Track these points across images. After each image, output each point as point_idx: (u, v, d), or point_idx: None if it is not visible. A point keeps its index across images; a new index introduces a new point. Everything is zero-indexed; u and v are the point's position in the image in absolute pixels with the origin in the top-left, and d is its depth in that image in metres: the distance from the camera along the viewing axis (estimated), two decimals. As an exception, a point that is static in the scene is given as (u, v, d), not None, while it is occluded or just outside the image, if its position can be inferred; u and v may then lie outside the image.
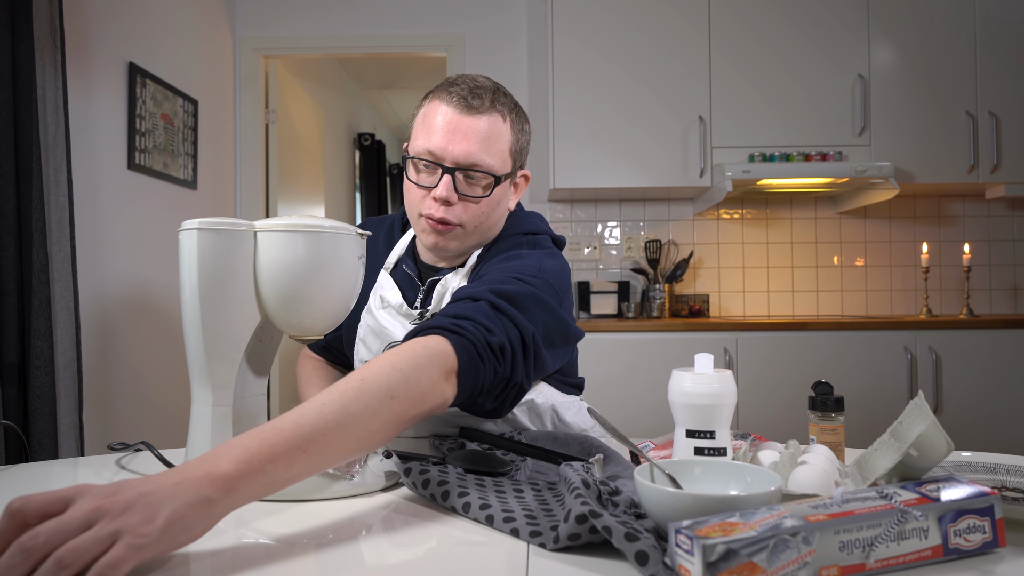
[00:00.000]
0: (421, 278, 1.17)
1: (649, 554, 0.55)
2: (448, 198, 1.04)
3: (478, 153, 1.03)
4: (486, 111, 1.04)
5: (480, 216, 1.07)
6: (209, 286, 0.83)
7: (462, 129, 1.03)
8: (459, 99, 1.04)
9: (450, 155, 1.03)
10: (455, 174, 1.04)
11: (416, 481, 0.82)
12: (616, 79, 3.00)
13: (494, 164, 1.05)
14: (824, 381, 0.89)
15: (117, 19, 2.52)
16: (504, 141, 1.06)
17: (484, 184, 1.06)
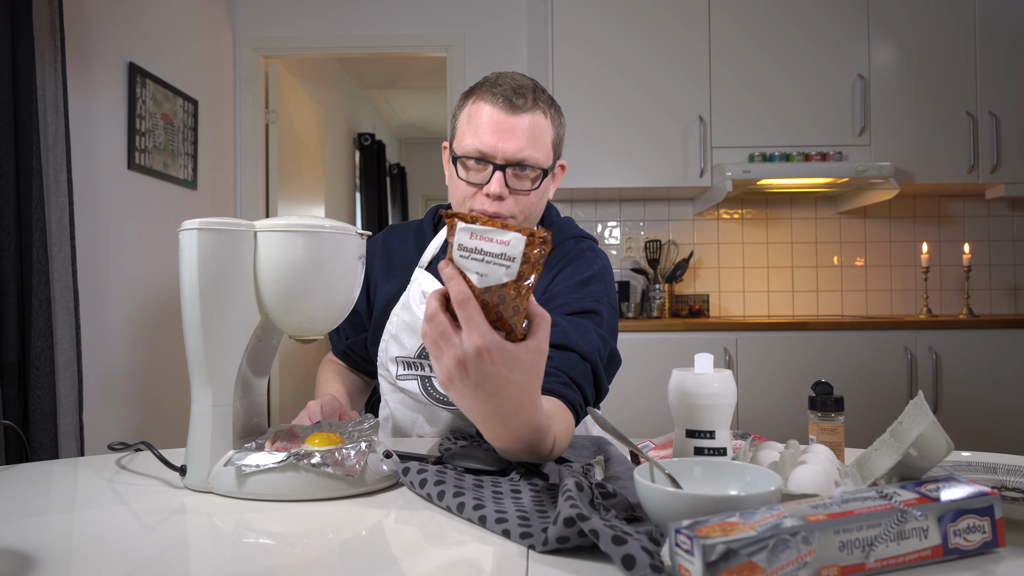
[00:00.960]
0: None
1: (636, 557, 0.55)
2: (501, 193, 1.08)
3: (526, 149, 1.08)
4: (529, 109, 1.08)
5: (530, 208, 1.12)
6: (209, 286, 0.83)
7: (509, 127, 1.07)
8: (504, 99, 1.08)
9: (500, 152, 1.07)
10: (506, 170, 1.08)
11: (414, 481, 0.82)
12: (615, 79, 3.00)
13: (540, 158, 1.10)
14: (824, 381, 0.89)
15: (117, 19, 2.52)
16: (547, 135, 1.11)
17: (533, 177, 1.10)
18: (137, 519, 0.76)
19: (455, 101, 3.40)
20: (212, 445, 0.85)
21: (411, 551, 0.65)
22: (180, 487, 0.87)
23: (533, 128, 1.09)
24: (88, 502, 0.82)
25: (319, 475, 0.81)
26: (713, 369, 0.77)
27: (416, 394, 1.18)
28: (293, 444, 0.86)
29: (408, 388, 1.19)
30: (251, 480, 0.82)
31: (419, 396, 1.17)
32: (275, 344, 0.95)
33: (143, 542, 0.69)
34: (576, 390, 0.98)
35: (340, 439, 0.87)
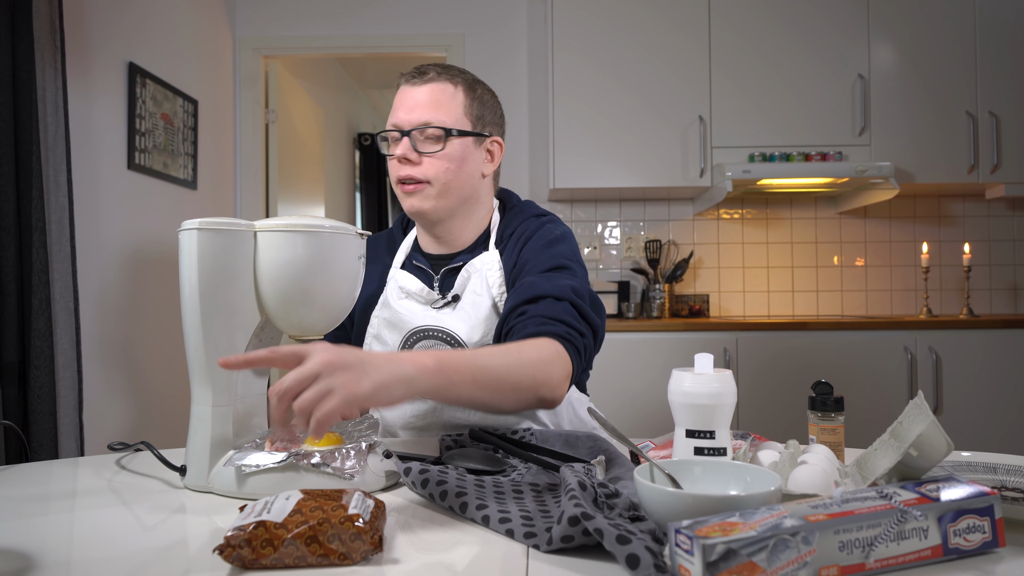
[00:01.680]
0: (433, 269, 1.25)
1: (640, 557, 0.55)
2: (406, 154, 1.15)
3: (426, 113, 1.15)
4: (431, 80, 1.16)
5: (445, 172, 1.16)
6: (209, 286, 0.83)
7: (412, 96, 1.16)
8: (409, 76, 1.18)
9: (405, 121, 1.16)
10: (411, 134, 1.15)
11: (416, 481, 0.82)
12: (616, 78, 3.00)
13: (445, 120, 1.15)
14: (824, 381, 0.89)
15: (117, 19, 2.52)
16: (456, 102, 1.17)
17: (436, 136, 1.15)
18: (137, 519, 0.76)
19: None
20: (212, 445, 0.85)
21: (412, 551, 0.65)
22: (180, 487, 0.87)
23: (436, 93, 1.16)
24: (88, 502, 0.82)
25: (319, 475, 0.81)
26: (713, 369, 0.77)
27: None
28: (293, 444, 0.86)
29: None
30: (251, 480, 0.82)
31: None
32: (275, 344, 0.95)
33: (143, 542, 0.69)
34: (557, 324, 1.02)
35: (340, 439, 0.87)
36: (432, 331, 1.17)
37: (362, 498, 0.66)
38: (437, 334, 1.17)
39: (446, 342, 1.16)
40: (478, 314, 1.16)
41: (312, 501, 0.64)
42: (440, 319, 1.17)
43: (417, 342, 1.18)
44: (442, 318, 1.18)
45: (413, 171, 1.15)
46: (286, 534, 0.59)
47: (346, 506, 0.63)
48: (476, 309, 1.16)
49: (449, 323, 1.17)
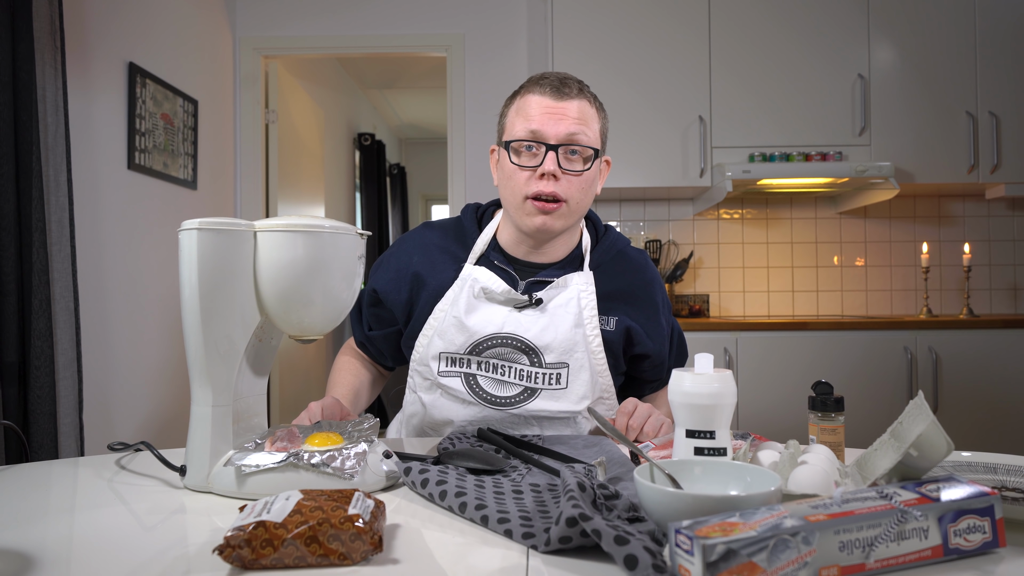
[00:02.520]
0: (518, 273, 1.22)
1: (639, 557, 0.55)
2: (555, 172, 1.12)
3: (576, 130, 1.13)
4: (576, 96, 1.15)
5: (581, 192, 1.15)
6: (209, 286, 0.83)
7: (559, 110, 1.13)
8: (551, 88, 1.14)
9: (552, 133, 1.12)
10: (558, 150, 1.12)
11: (416, 481, 0.82)
12: (616, 79, 3.00)
13: (593, 140, 1.15)
14: (824, 381, 0.89)
15: (117, 19, 2.52)
16: (595, 121, 1.18)
17: (585, 157, 1.15)
18: (137, 519, 0.76)
19: (455, 101, 3.42)
20: (212, 445, 0.85)
21: (412, 551, 0.65)
22: (180, 487, 0.87)
23: (581, 111, 1.14)
24: (88, 502, 0.82)
25: (319, 475, 0.81)
26: (713, 369, 0.77)
27: (460, 391, 1.17)
28: (293, 444, 0.86)
29: (451, 385, 1.17)
30: (251, 480, 0.82)
31: (463, 394, 1.16)
32: (275, 344, 0.95)
33: (143, 542, 0.69)
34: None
35: (340, 439, 0.87)
36: (508, 338, 1.15)
37: (362, 498, 0.66)
38: (511, 342, 1.15)
39: (520, 350, 1.15)
40: (560, 326, 1.16)
41: (312, 501, 0.64)
42: (520, 323, 1.16)
43: (490, 348, 1.16)
44: (522, 321, 1.16)
45: (556, 188, 1.12)
46: (286, 534, 0.59)
47: (346, 506, 0.63)
48: (559, 321, 1.16)
49: (528, 329, 1.15)
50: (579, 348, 1.16)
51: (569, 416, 1.17)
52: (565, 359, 1.16)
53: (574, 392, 1.16)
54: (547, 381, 1.15)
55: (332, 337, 4.94)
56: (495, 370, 1.16)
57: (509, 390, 1.15)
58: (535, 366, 1.15)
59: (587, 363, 1.16)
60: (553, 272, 1.21)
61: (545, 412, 1.15)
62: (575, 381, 1.16)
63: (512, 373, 1.15)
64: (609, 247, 1.27)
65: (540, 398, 1.15)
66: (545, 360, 1.15)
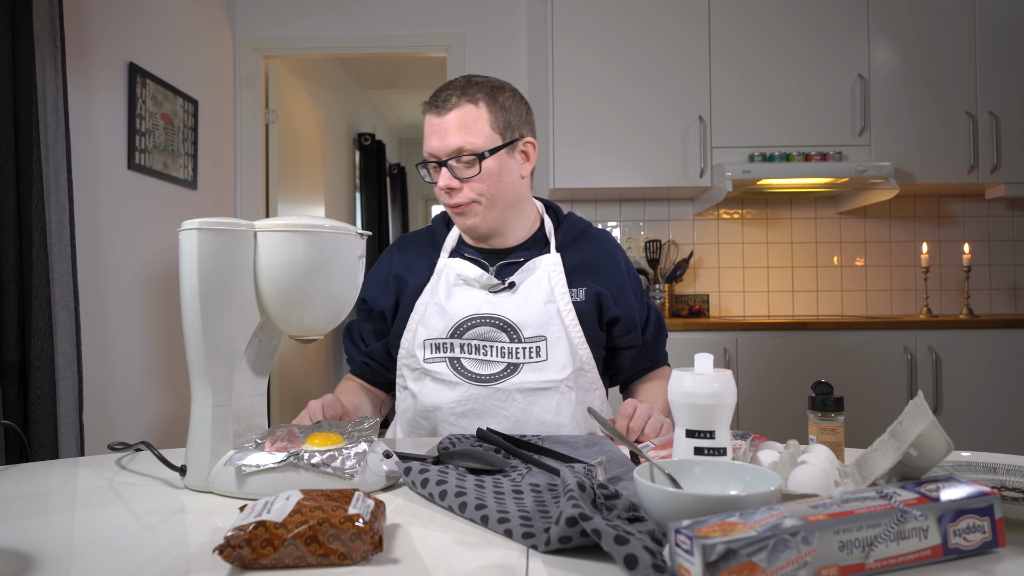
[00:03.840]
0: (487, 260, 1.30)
1: (639, 557, 0.55)
2: (449, 184, 1.21)
3: (456, 141, 1.19)
4: (453, 106, 1.20)
5: (489, 189, 1.22)
6: (209, 286, 0.83)
7: (440, 127, 1.20)
8: (432, 105, 1.22)
9: (440, 150, 1.20)
10: (448, 164, 1.20)
11: (416, 481, 0.82)
12: (616, 79, 3.00)
13: (477, 143, 1.19)
14: (824, 381, 0.89)
15: (117, 19, 2.52)
16: (482, 122, 1.20)
17: (471, 162, 1.20)
18: (137, 519, 0.76)
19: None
20: (212, 445, 0.85)
21: (412, 551, 0.65)
22: (180, 487, 0.87)
23: (461, 119, 1.19)
24: (88, 502, 0.83)
25: (319, 475, 0.81)
26: (713, 369, 0.77)
27: (445, 373, 1.23)
28: (293, 444, 0.86)
29: (436, 369, 1.24)
30: (251, 480, 0.82)
31: (449, 375, 1.22)
32: (275, 344, 0.95)
33: (143, 542, 0.69)
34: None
35: (340, 439, 0.87)
36: (486, 318, 1.23)
37: (362, 498, 0.66)
38: (491, 320, 1.22)
39: (499, 328, 1.22)
40: (534, 303, 1.23)
41: (312, 501, 0.64)
42: (496, 304, 1.23)
43: (470, 328, 1.23)
44: (498, 303, 1.23)
45: (459, 197, 1.21)
46: (286, 534, 0.59)
47: (346, 506, 0.63)
48: (533, 298, 1.24)
49: (504, 309, 1.23)
50: (554, 321, 1.23)
51: (552, 386, 1.22)
52: (542, 332, 1.22)
53: (554, 363, 1.22)
54: (528, 355, 1.22)
55: (332, 337, 4.94)
56: (477, 351, 1.22)
57: (492, 368, 1.22)
58: (515, 342, 1.22)
59: (564, 335, 1.23)
60: (520, 254, 1.29)
61: (529, 384, 1.21)
62: (554, 352, 1.22)
63: (494, 352, 1.22)
64: (571, 228, 1.35)
65: (523, 372, 1.21)
66: (523, 335, 1.22)
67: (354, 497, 0.66)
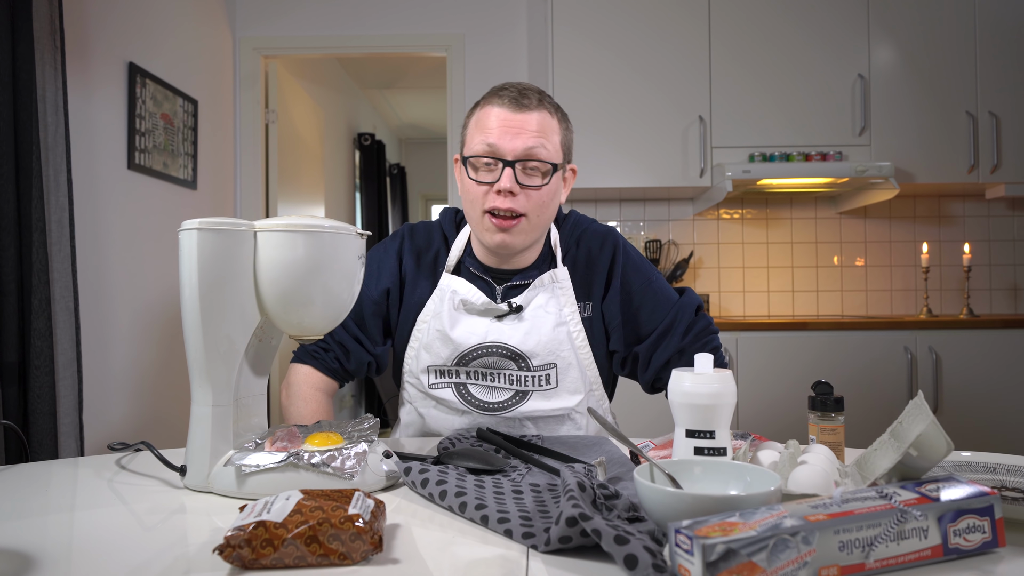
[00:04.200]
0: (495, 280, 1.22)
1: (639, 557, 0.55)
2: (512, 189, 1.09)
3: (534, 144, 1.10)
4: (535, 108, 1.11)
5: (541, 206, 1.13)
6: (209, 286, 0.83)
7: (517, 124, 1.10)
8: (510, 100, 1.11)
9: (509, 149, 1.10)
10: (515, 166, 1.10)
11: (416, 481, 0.82)
12: (616, 80, 3.00)
13: (550, 152, 1.12)
14: (824, 381, 0.89)
15: (117, 19, 2.52)
16: (556, 134, 1.13)
17: (543, 172, 1.12)
18: (137, 519, 0.76)
19: (455, 101, 3.42)
20: (212, 445, 0.85)
21: (412, 551, 0.65)
22: (180, 487, 0.87)
23: (541, 124, 1.11)
24: (88, 502, 0.83)
25: (319, 475, 0.81)
26: (713, 369, 0.77)
27: (452, 401, 1.18)
28: (293, 444, 0.86)
29: (442, 396, 1.18)
30: (251, 480, 0.82)
31: (456, 403, 1.17)
32: (275, 344, 0.95)
33: (143, 542, 0.69)
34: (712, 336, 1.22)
35: (340, 439, 0.87)
36: (492, 347, 1.16)
37: (362, 498, 0.66)
38: (497, 351, 1.16)
39: (506, 357, 1.16)
40: (542, 329, 1.16)
41: (312, 501, 0.64)
42: (502, 331, 1.16)
43: (476, 358, 1.16)
44: (504, 330, 1.16)
45: (514, 203, 1.10)
46: (286, 534, 0.59)
47: (346, 506, 0.63)
48: (540, 324, 1.16)
49: (511, 336, 1.16)
50: (564, 346, 1.17)
51: (563, 413, 1.17)
52: (552, 360, 1.16)
53: (565, 390, 1.17)
54: (537, 383, 1.16)
55: (332, 337, 4.93)
56: (484, 377, 1.16)
57: (500, 395, 1.16)
58: (523, 370, 1.16)
59: (574, 360, 1.17)
60: (528, 274, 1.21)
61: (539, 412, 1.16)
62: (565, 379, 1.17)
63: (502, 379, 1.16)
64: (572, 230, 1.26)
65: (532, 399, 1.16)
66: (532, 364, 1.16)
67: (354, 497, 0.66)
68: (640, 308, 1.21)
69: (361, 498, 0.66)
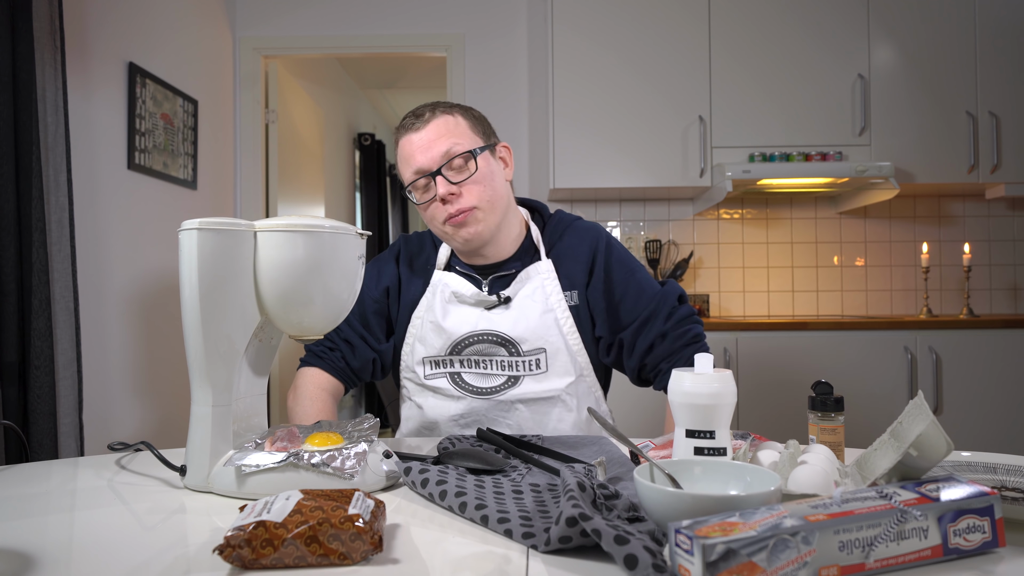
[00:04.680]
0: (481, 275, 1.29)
1: (639, 557, 0.55)
2: (449, 191, 1.17)
3: (443, 145, 1.18)
4: (430, 119, 1.20)
5: (486, 191, 1.20)
6: (209, 286, 0.83)
7: (424, 141, 1.19)
8: (410, 125, 1.21)
9: (428, 162, 1.18)
10: (442, 171, 1.18)
11: (416, 481, 0.82)
12: (616, 80, 3.00)
13: (464, 143, 1.19)
14: (824, 381, 0.89)
15: (117, 19, 2.52)
16: (461, 126, 1.21)
17: (463, 164, 1.19)
18: (137, 519, 0.76)
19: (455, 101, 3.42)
20: (212, 445, 0.85)
21: (412, 551, 0.65)
22: (180, 487, 0.87)
23: (440, 128, 1.19)
24: (88, 502, 0.83)
25: (319, 475, 0.81)
26: (713, 369, 0.77)
27: (447, 388, 1.23)
28: (293, 444, 0.86)
29: (438, 385, 1.24)
30: (251, 480, 0.82)
31: (451, 390, 1.23)
32: (275, 344, 0.95)
33: (143, 542, 0.69)
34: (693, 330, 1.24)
35: (340, 439, 0.87)
36: (483, 335, 1.22)
37: (362, 498, 0.66)
38: (488, 337, 1.22)
39: (497, 344, 1.22)
40: (530, 316, 1.22)
41: (312, 501, 0.65)
42: (492, 321, 1.23)
43: (468, 346, 1.23)
44: (493, 319, 1.23)
45: (460, 203, 1.18)
46: (286, 534, 0.59)
47: (346, 506, 0.64)
48: (528, 311, 1.23)
49: (500, 324, 1.22)
50: (551, 332, 1.23)
51: (554, 394, 1.22)
52: (541, 344, 1.22)
53: (555, 373, 1.23)
54: (527, 368, 1.22)
55: (332, 337, 4.94)
56: (477, 365, 1.23)
57: (493, 381, 1.22)
58: (514, 355, 1.22)
59: (563, 344, 1.23)
60: (512, 265, 1.27)
61: (530, 395, 1.21)
62: (554, 363, 1.23)
63: (494, 365, 1.22)
64: (556, 226, 1.32)
65: (524, 383, 1.22)
66: (522, 349, 1.22)
67: (354, 497, 0.66)
68: (623, 297, 1.26)
69: (361, 498, 0.66)
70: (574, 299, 1.26)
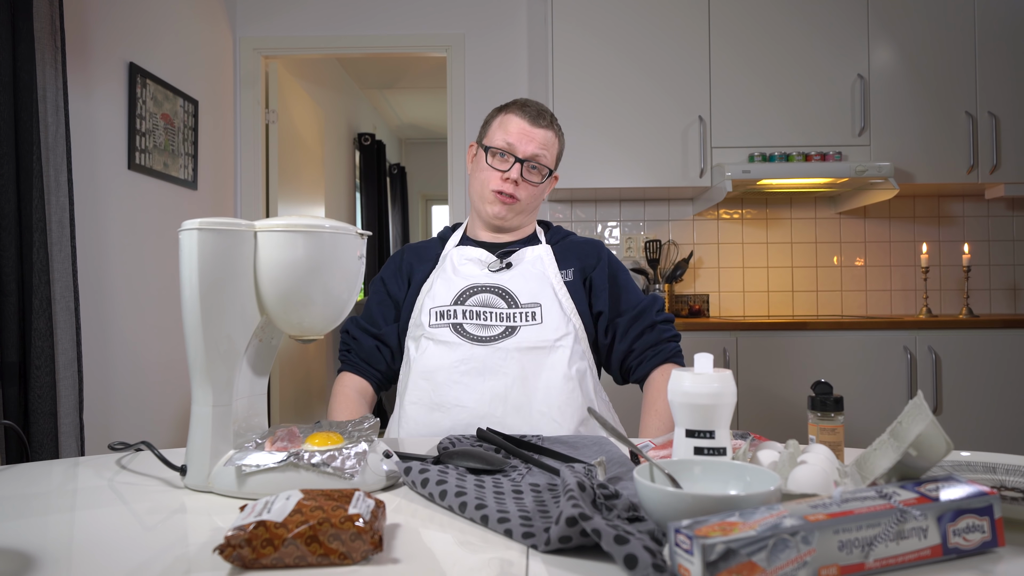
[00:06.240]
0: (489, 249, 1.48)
1: (639, 556, 0.55)
2: (517, 179, 1.42)
3: (540, 152, 1.44)
4: (546, 126, 1.46)
5: (532, 197, 1.47)
6: (209, 286, 0.83)
7: (531, 134, 1.44)
8: (530, 115, 1.45)
9: (522, 150, 1.43)
10: (524, 164, 1.42)
11: (416, 480, 0.83)
12: (615, 80, 3.00)
13: (549, 161, 1.47)
14: (824, 381, 0.89)
15: (117, 19, 2.52)
16: (555, 148, 1.49)
17: (541, 173, 1.46)
18: (137, 519, 0.76)
19: (455, 101, 3.42)
20: (212, 445, 0.85)
21: (412, 551, 0.65)
22: (180, 487, 0.87)
23: (547, 139, 1.45)
24: (88, 502, 0.83)
25: (319, 475, 0.81)
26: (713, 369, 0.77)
27: (448, 336, 1.34)
28: (293, 444, 0.86)
29: (439, 333, 1.35)
30: (251, 480, 0.82)
31: (451, 337, 1.33)
32: (275, 344, 0.95)
33: (143, 542, 0.69)
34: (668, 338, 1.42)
35: (340, 439, 0.87)
36: (487, 287, 1.38)
37: (362, 498, 0.67)
38: (492, 289, 1.38)
39: (498, 295, 1.37)
40: (528, 277, 1.40)
41: (312, 501, 0.65)
42: (494, 277, 1.40)
43: (473, 295, 1.38)
44: (496, 277, 1.40)
45: (515, 190, 1.43)
46: (286, 534, 0.59)
47: (346, 506, 0.64)
48: (527, 274, 1.40)
49: (503, 280, 1.39)
50: (547, 291, 1.39)
51: (548, 344, 1.33)
52: (537, 299, 1.37)
53: (549, 325, 1.35)
54: (524, 319, 1.35)
55: (332, 337, 4.94)
56: (478, 316, 1.35)
57: (492, 331, 1.34)
58: (512, 307, 1.36)
59: (557, 304, 1.38)
60: (518, 245, 1.49)
61: (526, 344, 1.32)
62: (549, 316, 1.36)
63: (493, 316, 1.36)
64: (557, 231, 1.56)
65: (520, 333, 1.34)
66: (520, 301, 1.36)
67: (354, 497, 0.66)
68: (624, 288, 1.46)
69: (361, 498, 0.66)
70: (569, 276, 1.44)
